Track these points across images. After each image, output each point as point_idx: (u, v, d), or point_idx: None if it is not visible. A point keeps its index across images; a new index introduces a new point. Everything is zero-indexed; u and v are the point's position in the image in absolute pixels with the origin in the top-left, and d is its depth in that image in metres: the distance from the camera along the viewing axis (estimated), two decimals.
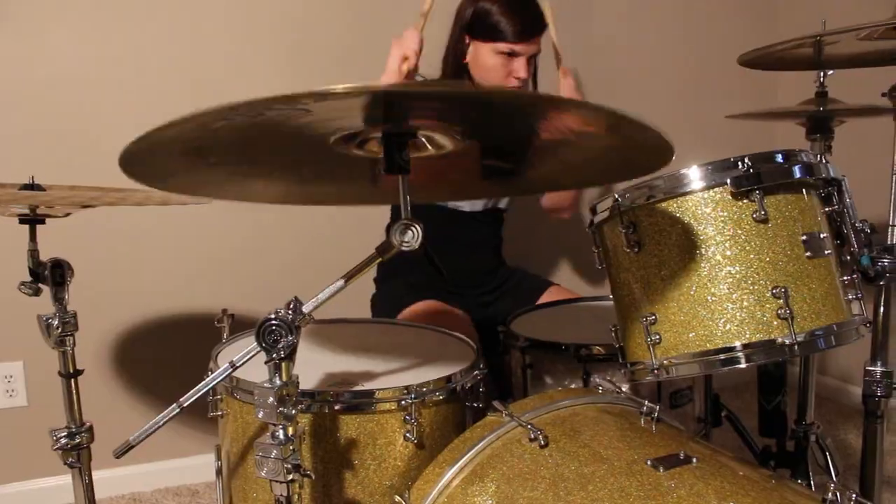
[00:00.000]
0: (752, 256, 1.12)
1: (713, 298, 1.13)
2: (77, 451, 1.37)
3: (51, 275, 1.33)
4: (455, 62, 1.89)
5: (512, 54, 1.80)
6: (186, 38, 2.14)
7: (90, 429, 1.39)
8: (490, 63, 1.82)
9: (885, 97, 1.37)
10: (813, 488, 1.65)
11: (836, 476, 1.67)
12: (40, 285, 1.36)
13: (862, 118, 1.78)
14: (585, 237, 1.35)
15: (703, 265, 1.14)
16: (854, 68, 1.59)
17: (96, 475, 1.43)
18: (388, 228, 0.99)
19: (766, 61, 1.58)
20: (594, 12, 2.59)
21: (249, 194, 1.36)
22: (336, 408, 1.20)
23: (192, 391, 1.08)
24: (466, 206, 1.99)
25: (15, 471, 2.10)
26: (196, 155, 0.99)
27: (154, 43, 2.11)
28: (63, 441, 1.35)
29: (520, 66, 1.81)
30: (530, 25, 1.79)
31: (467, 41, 1.86)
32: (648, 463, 1.00)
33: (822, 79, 1.71)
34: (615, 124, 0.93)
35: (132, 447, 1.08)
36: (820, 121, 1.71)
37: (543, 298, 1.96)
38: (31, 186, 1.33)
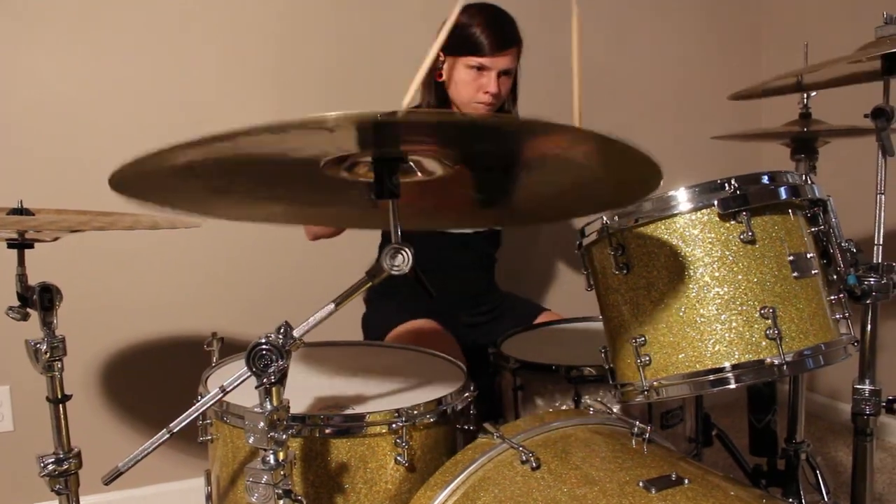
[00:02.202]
0: (739, 277, 1.13)
1: (702, 319, 1.14)
2: (65, 478, 1.35)
3: (39, 299, 1.32)
4: (430, 81, 1.92)
5: (482, 69, 1.83)
6: (173, 60, 2.15)
7: (78, 455, 1.37)
8: (462, 77, 1.85)
9: (867, 118, 1.39)
10: None
11: (827, 494, 1.67)
12: (28, 310, 1.35)
13: (846, 138, 1.80)
14: (574, 259, 1.36)
15: (691, 286, 1.15)
16: (837, 87, 1.62)
17: (84, 500, 1.41)
18: (380, 252, 0.99)
19: (753, 94, 1.61)
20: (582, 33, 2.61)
21: (242, 214, 1.36)
22: (326, 432, 1.19)
23: (181, 416, 1.07)
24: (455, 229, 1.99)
25: (1, 497, 2.07)
26: (186, 176, 1.00)
27: (140, 65, 2.12)
28: (50, 467, 1.33)
29: (489, 81, 1.83)
30: (499, 41, 1.81)
31: (442, 58, 1.89)
32: (640, 484, 1.00)
33: (805, 100, 1.73)
34: (602, 148, 0.94)
35: (121, 474, 1.07)
36: (804, 141, 1.73)
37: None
38: (20, 211, 1.32)
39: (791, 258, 1.14)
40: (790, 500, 1.69)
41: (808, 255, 1.16)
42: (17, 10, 1.99)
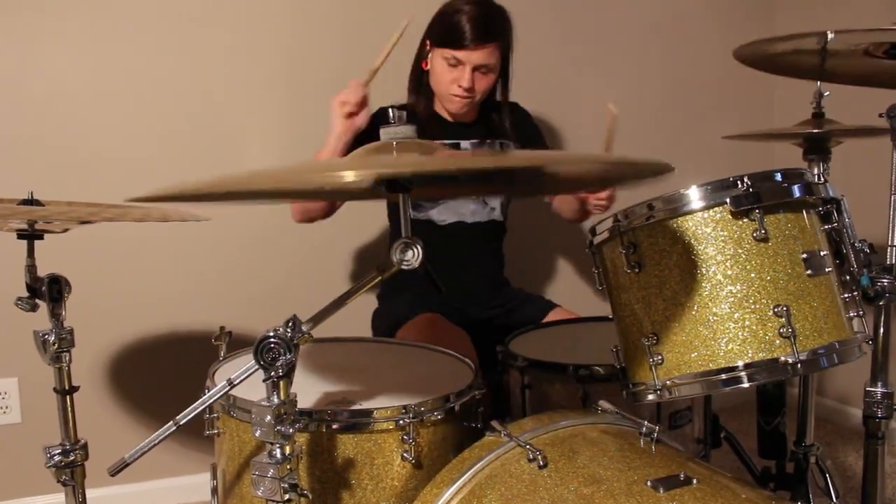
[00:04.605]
0: (752, 275, 1.12)
1: (715, 318, 1.12)
2: (71, 469, 1.35)
3: (48, 290, 1.32)
4: (417, 68, 1.94)
5: (456, 63, 1.82)
6: (184, 52, 2.15)
7: (84, 446, 1.37)
8: (438, 69, 1.86)
9: (882, 117, 1.37)
10: None
11: (836, 499, 1.66)
12: (37, 301, 1.35)
13: (859, 138, 1.78)
14: (585, 257, 1.35)
15: (704, 285, 1.13)
16: (854, 86, 1.58)
17: (90, 493, 1.41)
18: (389, 247, 0.99)
19: (763, 59, 1.56)
20: (593, 31, 2.60)
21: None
22: (333, 427, 1.19)
23: (188, 409, 1.07)
24: (464, 217, 1.98)
25: (7, 488, 2.08)
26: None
27: (151, 57, 2.12)
28: (57, 458, 1.33)
29: (461, 75, 1.82)
30: (478, 34, 1.78)
31: (428, 46, 1.90)
32: (648, 484, 1.00)
33: (818, 99, 1.72)
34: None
35: (127, 465, 1.07)
36: (817, 141, 1.71)
37: (547, 320, 1.95)
38: (30, 202, 1.32)
39: (804, 256, 1.13)
40: (799, 503, 1.68)
41: (822, 253, 1.15)
42: (31, 5, 2.00)
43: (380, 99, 1.87)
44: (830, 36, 1.47)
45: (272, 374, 0.96)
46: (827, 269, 1.15)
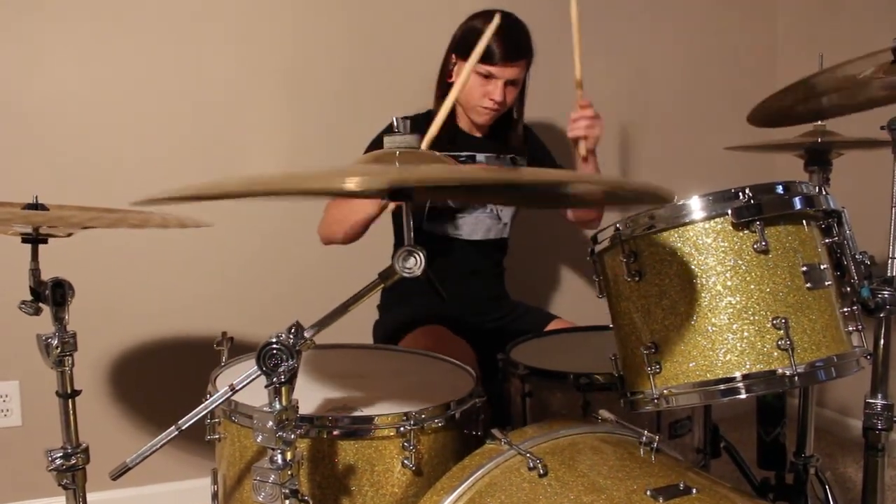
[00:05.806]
0: (752, 287, 1.12)
1: (713, 328, 1.13)
2: (72, 473, 1.35)
3: (51, 294, 1.32)
4: (442, 82, 1.95)
5: (489, 76, 1.84)
6: (188, 56, 2.16)
7: (86, 450, 1.37)
8: (469, 82, 1.86)
9: (883, 130, 1.38)
10: None
11: None
12: (41, 305, 1.35)
13: (860, 150, 1.79)
14: (585, 266, 1.35)
15: (703, 295, 1.14)
16: (854, 113, 1.60)
17: (91, 497, 1.41)
18: (393, 254, 1.00)
19: (768, 119, 1.61)
20: (596, 44, 2.61)
21: None
22: (334, 433, 1.19)
23: (190, 414, 1.08)
24: (465, 234, 2.00)
25: (7, 491, 2.08)
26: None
27: (156, 62, 2.13)
28: (58, 462, 1.34)
29: (495, 89, 1.85)
30: (510, 51, 1.82)
31: (454, 60, 1.92)
32: (648, 493, 1.00)
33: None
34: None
35: (129, 469, 1.08)
36: (818, 153, 1.72)
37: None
38: (35, 206, 1.33)
39: (804, 269, 1.13)
40: None
41: (822, 267, 1.15)
42: (35, 9, 2.01)
43: (403, 107, 1.88)
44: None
45: (274, 380, 0.96)
46: (826, 283, 1.16)
